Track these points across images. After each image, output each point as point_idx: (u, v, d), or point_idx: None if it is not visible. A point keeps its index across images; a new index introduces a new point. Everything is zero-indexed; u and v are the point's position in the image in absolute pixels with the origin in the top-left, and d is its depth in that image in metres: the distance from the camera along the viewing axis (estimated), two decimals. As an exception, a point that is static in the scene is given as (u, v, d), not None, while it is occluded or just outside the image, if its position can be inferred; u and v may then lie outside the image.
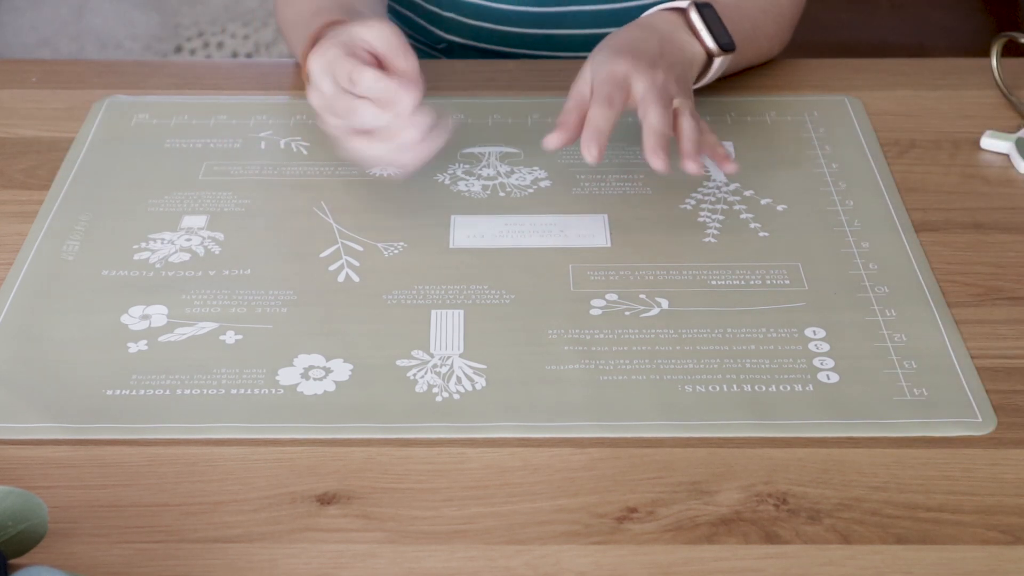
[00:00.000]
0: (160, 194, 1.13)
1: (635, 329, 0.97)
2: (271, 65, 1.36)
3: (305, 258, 1.05)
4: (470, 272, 1.03)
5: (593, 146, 1.02)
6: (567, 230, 1.08)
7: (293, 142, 1.19)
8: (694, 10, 1.14)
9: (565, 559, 0.81)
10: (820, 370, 0.94)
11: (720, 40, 1.15)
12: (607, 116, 1.03)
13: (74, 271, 1.04)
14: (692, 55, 1.14)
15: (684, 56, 1.13)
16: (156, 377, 0.93)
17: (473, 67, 1.32)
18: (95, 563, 0.80)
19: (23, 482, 0.85)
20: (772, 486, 0.85)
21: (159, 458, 0.88)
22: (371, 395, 0.92)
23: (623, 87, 1.06)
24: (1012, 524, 0.83)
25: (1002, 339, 0.97)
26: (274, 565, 0.80)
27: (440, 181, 1.14)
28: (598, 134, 1.03)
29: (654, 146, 1.02)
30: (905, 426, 0.89)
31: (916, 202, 1.11)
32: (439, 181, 1.14)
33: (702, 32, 1.14)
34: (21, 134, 1.21)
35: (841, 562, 0.80)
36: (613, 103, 1.04)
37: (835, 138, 1.19)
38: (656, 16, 1.16)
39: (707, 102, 1.23)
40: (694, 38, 1.14)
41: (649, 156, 1.02)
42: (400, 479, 0.86)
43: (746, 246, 1.06)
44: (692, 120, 1.05)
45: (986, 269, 1.04)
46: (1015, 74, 1.26)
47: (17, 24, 2.61)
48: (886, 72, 1.30)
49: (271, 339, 0.97)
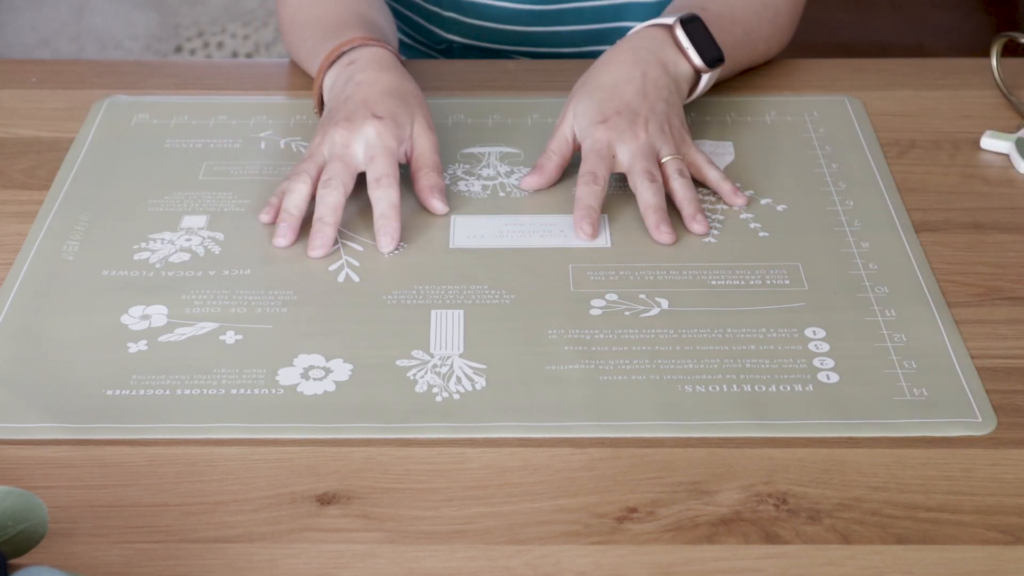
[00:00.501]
0: (160, 194, 1.13)
1: (635, 329, 0.97)
2: (271, 65, 1.36)
3: (305, 258, 1.05)
4: (470, 272, 1.03)
5: (586, 224, 1.06)
6: (567, 230, 1.08)
7: (293, 142, 1.19)
8: (679, 27, 1.15)
9: (565, 559, 0.81)
10: (820, 370, 0.94)
11: (707, 55, 1.15)
12: (595, 193, 1.07)
13: (74, 271, 1.04)
14: (678, 74, 1.15)
15: (668, 81, 1.14)
16: (156, 377, 0.93)
17: (473, 67, 1.32)
18: (95, 563, 0.80)
19: (23, 482, 0.85)
20: (772, 486, 0.85)
21: (159, 458, 0.87)
22: (371, 395, 0.92)
23: (606, 157, 1.09)
24: (1012, 524, 0.83)
25: (1002, 339, 0.97)
26: (274, 565, 0.80)
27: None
28: (589, 211, 1.07)
29: (656, 222, 1.06)
30: (905, 426, 0.89)
31: (916, 202, 1.11)
32: (439, 181, 1.14)
33: (688, 50, 1.15)
34: (21, 134, 1.21)
35: (841, 562, 0.80)
36: (598, 179, 1.08)
37: (835, 138, 1.19)
38: (643, 35, 1.16)
39: (707, 102, 1.23)
40: (681, 55, 1.15)
41: (655, 234, 1.06)
42: (400, 479, 0.86)
43: (746, 246, 1.06)
44: (682, 179, 1.09)
45: (986, 269, 1.04)
46: (1015, 74, 1.26)
47: (17, 24, 2.61)
48: (886, 72, 1.30)
49: (271, 339, 0.97)
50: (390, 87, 1.11)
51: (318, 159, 1.08)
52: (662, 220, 1.06)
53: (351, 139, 1.08)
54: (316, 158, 1.09)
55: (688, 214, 1.07)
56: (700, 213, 1.07)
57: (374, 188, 1.06)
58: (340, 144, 1.08)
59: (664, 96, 1.12)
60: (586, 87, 1.14)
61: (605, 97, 1.11)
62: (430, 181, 1.10)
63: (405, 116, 1.10)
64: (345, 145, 1.08)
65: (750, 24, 1.23)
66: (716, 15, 1.19)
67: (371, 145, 1.08)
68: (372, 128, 1.08)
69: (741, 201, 1.10)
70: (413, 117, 1.11)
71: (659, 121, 1.10)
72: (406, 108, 1.11)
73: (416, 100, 1.12)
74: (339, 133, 1.08)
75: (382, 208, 1.06)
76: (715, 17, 1.18)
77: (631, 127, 1.09)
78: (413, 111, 1.11)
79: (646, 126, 1.10)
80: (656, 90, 1.12)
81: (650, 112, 1.11)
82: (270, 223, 1.08)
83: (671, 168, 1.09)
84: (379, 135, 1.08)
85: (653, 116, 1.10)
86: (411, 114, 1.11)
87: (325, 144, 1.09)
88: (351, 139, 1.08)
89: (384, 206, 1.06)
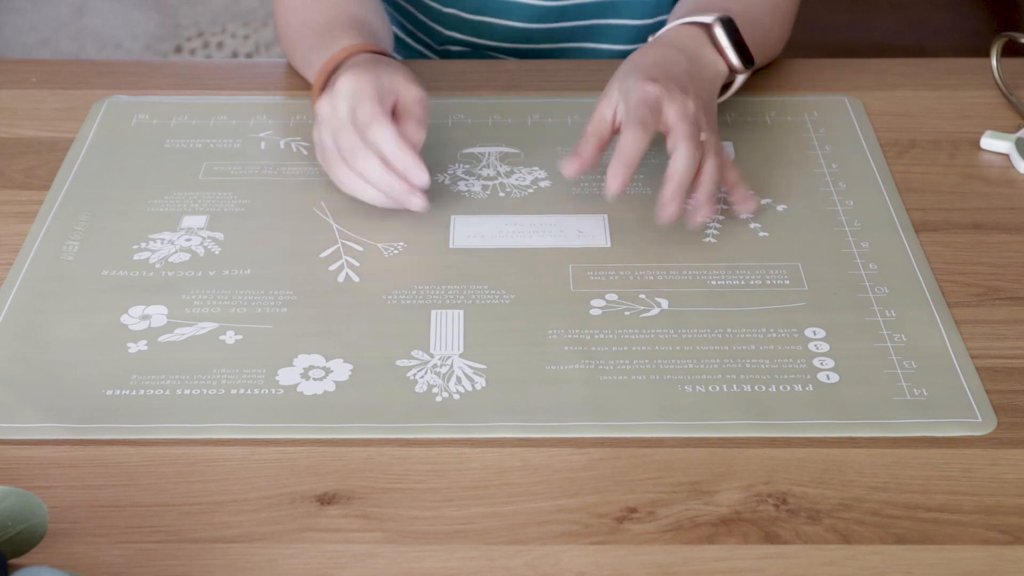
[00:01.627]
0: (160, 194, 1.13)
1: (635, 329, 0.97)
2: (271, 65, 1.36)
3: (305, 258, 1.05)
4: (470, 272, 1.03)
5: (619, 177, 1.01)
6: (567, 230, 1.08)
7: (293, 142, 1.19)
8: (719, 26, 1.13)
9: (565, 559, 0.81)
10: (820, 370, 0.94)
11: (743, 56, 1.14)
12: (639, 143, 1.02)
13: (74, 271, 1.04)
14: (716, 73, 1.13)
15: (710, 76, 1.12)
16: (156, 377, 0.93)
17: (473, 67, 1.32)
18: (95, 563, 0.80)
19: (23, 482, 0.85)
20: (772, 486, 0.85)
21: (159, 458, 0.88)
22: (371, 395, 0.92)
23: (656, 110, 1.04)
24: (1012, 524, 0.83)
25: (1002, 339, 0.97)
26: (274, 565, 0.80)
27: (440, 181, 1.14)
28: (627, 166, 1.01)
29: (673, 193, 1.02)
30: (905, 426, 0.89)
31: (916, 202, 1.11)
32: (439, 181, 1.14)
33: (727, 50, 1.13)
34: (21, 134, 1.21)
35: (841, 562, 0.80)
36: (647, 127, 1.02)
37: (835, 138, 1.19)
38: (680, 31, 1.14)
39: (707, 102, 1.23)
40: (719, 55, 1.13)
41: (664, 202, 1.02)
42: (400, 479, 0.86)
43: (746, 246, 1.06)
44: (715, 161, 1.04)
45: (986, 269, 1.04)
46: (1015, 74, 1.26)
47: (17, 24, 2.61)
48: (886, 72, 1.30)
49: (271, 339, 0.97)
50: (365, 62, 1.09)
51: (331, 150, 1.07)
52: (678, 194, 1.02)
53: (334, 102, 1.06)
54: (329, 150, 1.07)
55: (701, 199, 1.04)
56: (710, 204, 1.04)
57: (367, 134, 1.04)
58: (327, 114, 1.06)
59: (707, 88, 1.10)
60: (629, 67, 1.09)
61: (652, 65, 1.08)
62: (412, 137, 1.06)
63: (383, 69, 1.07)
64: (333, 110, 1.05)
65: (765, 27, 1.23)
66: (737, 16, 1.17)
67: (350, 95, 1.05)
68: (345, 81, 1.05)
69: (749, 208, 1.08)
70: (393, 71, 1.08)
71: (704, 101, 1.08)
72: (385, 66, 1.08)
73: (394, 64, 1.10)
74: (322, 106, 1.07)
75: (389, 149, 1.04)
76: (738, 19, 1.17)
77: (682, 93, 1.06)
78: (393, 68, 1.08)
79: (695, 99, 1.06)
80: (700, 75, 1.10)
81: (697, 92, 1.08)
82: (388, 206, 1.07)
83: (710, 146, 1.04)
84: (354, 81, 1.05)
85: (700, 96, 1.08)
86: (391, 70, 1.08)
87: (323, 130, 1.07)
88: (334, 102, 1.06)
89: (390, 147, 1.04)
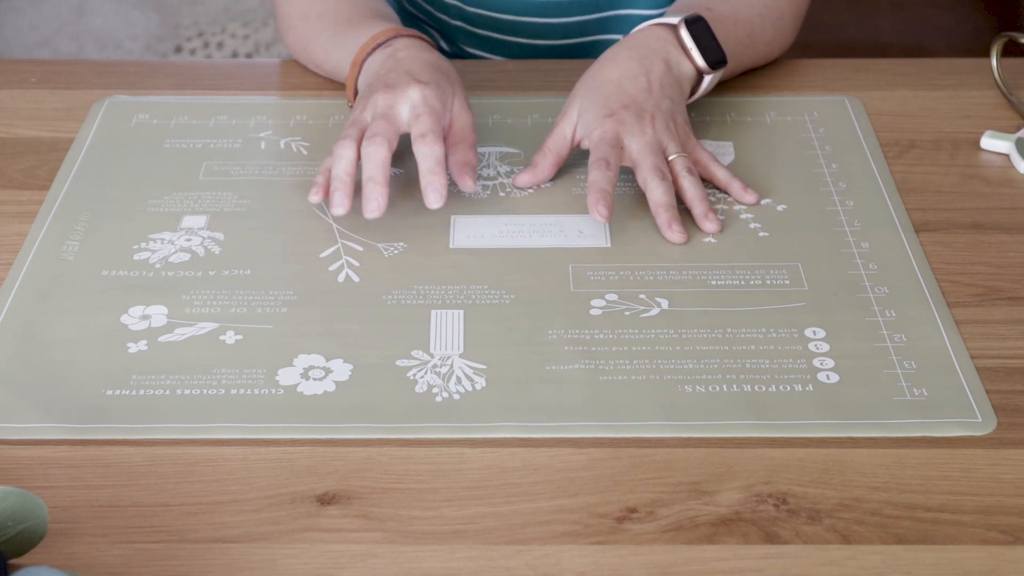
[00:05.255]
0: (160, 194, 1.13)
1: (635, 329, 0.97)
2: (271, 65, 1.36)
3: (305, 258, 1.05)
4: (470, 272, 1.03)
5: (601, 206, 1.05)
6: (567, 230, 1.08)
7: (293, 142, 1.19)
8: (684, 28, 1.15)
9: (565, 559, 0.81)
10: (820, 370, 0.94)
11: (710, 57, 1.15)
12: (608, 178, 1.06)
13: (74, 271, 1.04)
14: (681, 74, 1.15)
15: (676, 77, 1.14)
16: (156, 377, 0.93)
17: (473, 67, 1.32)
18: (95, 563, 0.80)
19: (23, 482, 0.85)
20: (772, 486, 0.85)
21: (159, 458, 0.87)
22: (371, 395, 0.92)
23: (616, 147, 1.08)
24: (1012, 524, 0.83)
25: (1002, 339, 0.97)
26: (274, 565, 0.80)
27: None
28: (603, 194, 1.05)
29: (668, 221, 1.06)
30: (905, 426, 0.89)
31: (916, 202, 1.11)
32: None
33: (692, 50, 1.15)
34: (21, 134, 1.21)
35: (841, 562, 0.80)
36: (610, 165, 1.07)
37: (835, 138, 1.19)
38: (647, 33, 1.16)
39: (707, 102, 1.23)
40: (684, 55, 1.15)
41: (667, 233, 1.06)
42: (400, 479, 0.86)
43: (746, 246, 1.06)
44: (691, 177, 1.08)
45: (986, 269, 1.04)
46: (1015, 74, 1.26)
47: (17, 24, 2.61)
48: (886, 72, 1.30)
49: (271, 339, 0.97)
50: (431, 62, 1.12)
51: (361, 124, 1.08)
52: (674, 219, 1.06)
53: (395, 101, 1.07)
54: (359, 123, 1.08)
55: (700, 213, 1.07)
56: (711, 211, 1.07)
57: (420, 144, 1.05)
58: (384, 105, 1.07)
59: (668, 94, 1.12)
60: (590, 83, 1.13)
61: (611, 92, 1.11)
62: (466, 157, 1.09)
63: (448, 87, 1.10)
64: (389, 106, 1.07)
65: (753, 26, 1.23)
66: (720, 16, 1.19)
67: (416, 105, 1.07)
68: (417, 91, 1.07)
69: (752, 198, 1.10)
70: (454, 91, 1.11)
71: (665, 118, 1.10)
72: (448, 82, 1.11)
73: (456, 79, 1.13)
74: (382, 97, 1.08)
75: (428, 164, 1.05)
76: (719, 18, 1.18)
77: (639, 122, 1.09)
78: (454, 86, 1.11)
79: (653, 122, 1.10)
80: (661, 88, 1.12)
81: (656, 108, 1.10)
82: (320, 201, 1.07)
83: (679, 166, 1.09)
84: (424, 97, 1.07)
85: (659, 112, 1.10)
86: (452, 88, 1.11)
87: (368, 109, 1.08)
88: (395, 101, 1.07)
89: (431, 162, 1.05)
